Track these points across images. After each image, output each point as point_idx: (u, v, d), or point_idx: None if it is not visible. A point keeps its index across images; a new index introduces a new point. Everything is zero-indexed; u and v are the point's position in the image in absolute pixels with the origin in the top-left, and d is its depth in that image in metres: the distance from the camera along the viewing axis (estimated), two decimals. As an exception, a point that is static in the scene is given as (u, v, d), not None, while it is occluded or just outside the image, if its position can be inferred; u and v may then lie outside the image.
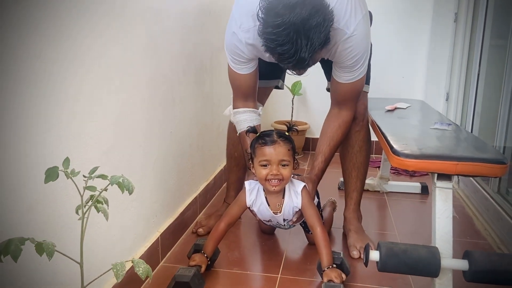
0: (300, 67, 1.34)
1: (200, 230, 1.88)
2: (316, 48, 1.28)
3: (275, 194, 1.56)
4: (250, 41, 1.49)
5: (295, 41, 1.26)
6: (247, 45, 1.51)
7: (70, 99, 1.08)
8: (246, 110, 1.68)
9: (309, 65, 1.35)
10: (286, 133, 1.52)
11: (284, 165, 1.48)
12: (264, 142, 1.48)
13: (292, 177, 1.58)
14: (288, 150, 1.49)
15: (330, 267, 1.45)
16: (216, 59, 2.24)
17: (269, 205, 1.58)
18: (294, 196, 1.56)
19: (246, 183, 1.61)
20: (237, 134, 1.74)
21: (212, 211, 2.03)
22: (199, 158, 2.11)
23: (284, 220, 1.62)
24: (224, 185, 2.38)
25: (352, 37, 1.44)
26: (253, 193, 1.59)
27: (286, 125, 1.55)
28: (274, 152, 1.47)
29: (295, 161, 1.54)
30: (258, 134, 1.54)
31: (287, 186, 1.56)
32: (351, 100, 1.66)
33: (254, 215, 1.65)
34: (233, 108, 1.71)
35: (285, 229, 1.77)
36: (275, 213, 1.59)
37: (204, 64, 2.10)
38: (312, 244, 1.78)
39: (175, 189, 1.81)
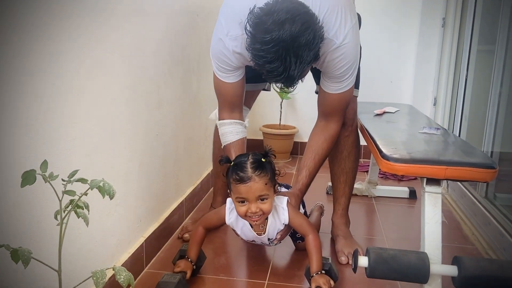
0: (289, 85, 1.31)
1: (186, 235, 1.84)
2: (305, 66, 1.25)
3: None
4: (238, 49, 1.44)
5: (284, 58, 1.22)
6: (235, 53, 1.45)
7: (51, 99, 1.04)
8: (232, 122, 1.62)
9: (297, 82, 1.32)
10: (263, 160, 1.42)
11: (263, 199, 1.41)
12: (238, 180, 1.38)
13: (275, 194, 1.51)
14: (266, 183, 1.40)
15: (319, 273, 1.43)
16: (204, 61, 2.21)
17: (252, 226, 1.53)
18: (281, 212, 1.50)
19: (228, 200, 1.55)
20: (222, 147, 1.69)
21: (199, 216, 2.00)
22: (186, 162, 2.08)
23: (268, 239, 1.57)
24: (211, 190, 2.34)
25: (341, 47, 1.41)
26: (233, 213, 1.52)
27: (261, 153, 1.45)
28: (251, 189, 1.38)
29: (276, 185, 1.46)
30: (232, 164, 1.44)
31: None
32: (338, 112, 1.62)
33: (237, 234, 1.59)
34: (219, 119, 1.65)
35: (269, 246, 1.71)
36: (259, 234, 1.54)
37: (191, 66, 2.07)
38: (299, 250, 1.75)
39: (160, 193, 1.77)
